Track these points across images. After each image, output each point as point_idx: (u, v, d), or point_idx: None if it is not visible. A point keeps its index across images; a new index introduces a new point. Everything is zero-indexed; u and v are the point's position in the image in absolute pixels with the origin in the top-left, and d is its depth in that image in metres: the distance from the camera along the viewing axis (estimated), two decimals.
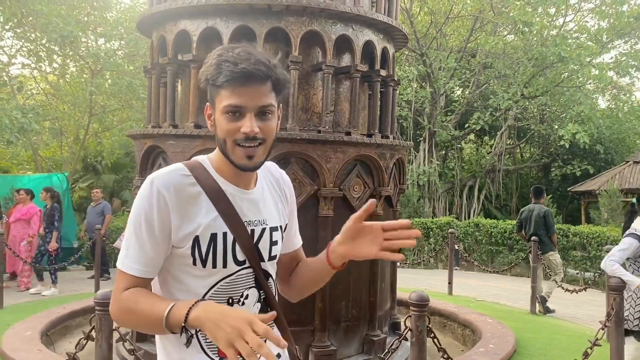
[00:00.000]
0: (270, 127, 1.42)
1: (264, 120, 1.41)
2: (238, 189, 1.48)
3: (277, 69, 1.42)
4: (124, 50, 15.02)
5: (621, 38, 17.02)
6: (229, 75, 1.36)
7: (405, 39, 5.93)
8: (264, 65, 1.38)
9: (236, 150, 1.40)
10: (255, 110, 1.39)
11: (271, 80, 1.40)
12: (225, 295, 1.45)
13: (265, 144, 1.43)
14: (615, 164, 18.56)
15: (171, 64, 5.04)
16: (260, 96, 1.39)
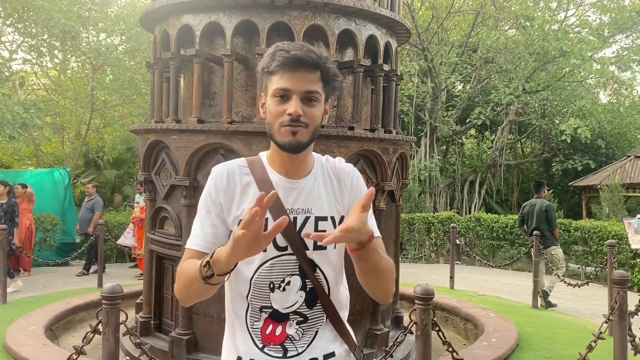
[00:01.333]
0: (314, 113, 1.48)
1: (309, 106, 1.47)
2: (284, 178, 1.55)
3: (327, 62, 1.50)
4: (125, 45, 15.00)
5: (622, 32, 16.97)
6: (280, 61, 1.45)
7: (408, 34, 5.92)
8: (315, 55, 1.47)
9: (281, 130, 1.47)
10: (302, 95, 1.46)
11: (320, 70, 1.48)
12: (266, 279, 1.51)
13: (308, 129, 1.48)
14: (616, 158, 18.54)
15: (174, 59, 5.04)
16: (307, 82, 1.46)
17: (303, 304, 1.54)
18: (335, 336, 1.59)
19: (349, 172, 1.63)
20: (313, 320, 1.56)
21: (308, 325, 1.55)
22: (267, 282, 1.52)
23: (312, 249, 1.54)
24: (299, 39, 4.75)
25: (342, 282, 1.66)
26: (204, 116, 4.92)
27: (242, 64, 4.97)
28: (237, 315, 1.57)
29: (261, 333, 1.53)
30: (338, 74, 1.55)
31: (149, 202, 5.41)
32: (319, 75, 1.48)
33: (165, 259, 5.26)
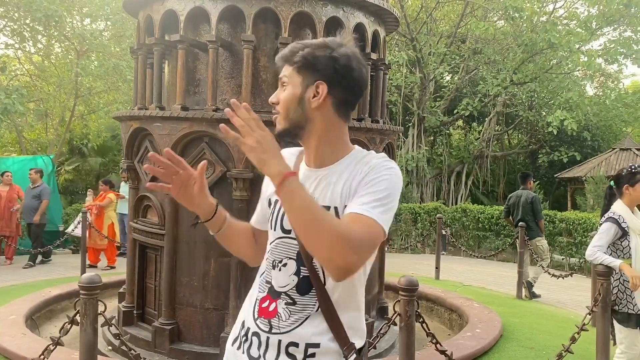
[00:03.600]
0: (281, 96, 1.55)
1: (281, 92, 1.56)
2: (306, 167, 1.63)
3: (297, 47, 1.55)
4: (110, 31, 14.76)
5: (610, 25, 17.03)
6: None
7: (397, 22, 5.87)
8: (288, 50, 1.57)
9: None
10: (278, 84, 1.58)
11: (288, 59, 1.55)
12: (272, 257, 1.62)
13: (281, 114, 1.56)
14: (602, 150, 18.70)
15: (158, 45, 4.94)
16: (281, 72, 1.58)
17: (294, 288, 1.55)
18: (326, 329, 1.54)
19: (369, 166, 1.53)
20: (302, 306, 1.55)
21: (296, 310, 1.55)
22: (272, 259, 1.61)
23: None
24: (286, 26, 4.68)
25: (349, 287, 1.55)
26: (188, 103, 4.83)
27: (228, 51, 4.88)
28: (255, 281, 1.69)
29: (259, 305, 1.61)
30: (310, 54, 1.52)
31: (132, 190, 5.33)
32: (287, 63, 1.55)
33: (148, 249, 5.19)
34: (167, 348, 4.69)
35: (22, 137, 15.06)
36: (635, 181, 3.87)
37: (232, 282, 4.63)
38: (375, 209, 1.43)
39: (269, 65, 4.89)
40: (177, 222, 4.79)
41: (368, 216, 1.41)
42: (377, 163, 1.52)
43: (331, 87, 1.52)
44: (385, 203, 1.45)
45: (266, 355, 1.55)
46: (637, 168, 3.93)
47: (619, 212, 3.83)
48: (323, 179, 1.56)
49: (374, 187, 1.46)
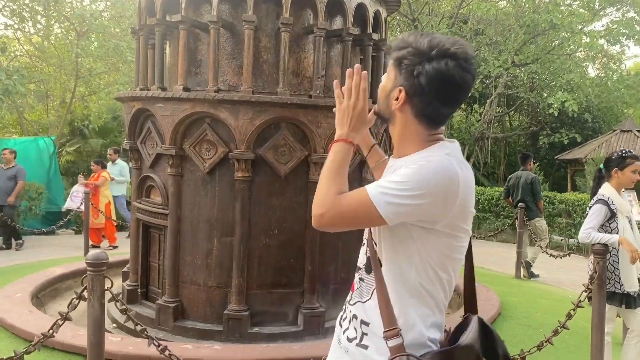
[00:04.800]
0: (381, 85, 1.62)
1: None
2: (392, 157, 1.69)
3: (402, 50, 1.54)
4: (109, 11, 14.66)
5: (613, 5, 16.89)
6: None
7: (398, 3, 5.85)
8: (398, 41, 1.58)
9: None
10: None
11: (391, 54, 1.58)
12: (362, 235, 1.73)
13: (378, 102, 1.64)
14: (602, 132, 18.69)
15: (159, 25, 4.94)
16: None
17: (364, 266, 1.67)
18: (378, 309, 1.55)
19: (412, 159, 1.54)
20: (367, 284, 1.63)
21: (364, 286, 1.65)
22: (362, 238, 1.73)
23: None
24: (287, 6, 4.68)
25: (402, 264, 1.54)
26: (190, 84, 4.86)
27: (229, 31, 4.89)
28: None
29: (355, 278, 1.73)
30: (409, 59, 1.51)
31: (135, 171, 5.38)
32: (390, 63, 1.59)
33: (151, 228, 5.25)
34: (170, 325, 4.78)
35: (23, 118, 15.06)
36: (624, 165, 3.96)
37: (235, 260, 4.70)
38: (378, 188, 1.46)
39: (270, 46, 4.91)
40: (180, 202, 4.85)
41: (366, 190, 1.47)
42: (422, 156, 1.52)
43: (411, 97, 1.51)
44: (397, 189, 1.43)
45: (343, 323, 1.70)
46: (627, 152, 4.01)
47: (608, 194, 3.94)
48: (390, 166, 1.65)
49: (398, 172, 1.48)
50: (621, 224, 3.86)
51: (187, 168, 4.84)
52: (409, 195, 1.43)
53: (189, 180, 4.84)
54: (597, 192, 4.06)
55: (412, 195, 1.43)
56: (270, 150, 4.71)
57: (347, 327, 1.66)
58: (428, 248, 1.52)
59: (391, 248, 1.56)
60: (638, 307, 3.95)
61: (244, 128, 4.59)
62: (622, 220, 3.87)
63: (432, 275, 1.55)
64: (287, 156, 4.75)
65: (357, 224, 1.51)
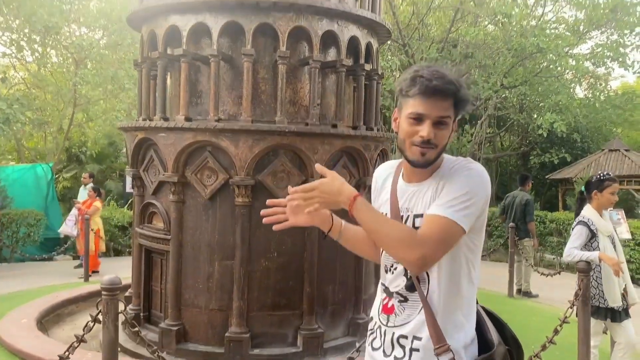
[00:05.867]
0: (443, 135, 1.69)
1: (440, 129, 1.67)
2: (404, 182, 1.81)
3: (462, 88, 1.68)
4: (107, 38, 14.93)
5: (597, 29, 17.38)
6: (421, 89, 1.64)
7: (389, 34, 6.12)
8: (453, 85, 1.66)
9: (412, 148, 1.70)
10: (435, 120, 1.66)
11: (455, 98, 1.67)
12: (384, 262, 1.86)
13: (437, 149, 1.69)
14: (591, 152, 19.02)
15: (162, 58, 5.17)
16: (441, 109, 1.66)
17: (404, 287, 1.79)
18: (426, 325, 1.71)
19: (454, 168, 1.72)
20: (412, 302, 1.77)
21: (408, 306, 1.77)
22: (384, 264, 1.85)
23: None
24: (284, 40, 4.93)
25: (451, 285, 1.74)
26: (191, 114, 5.07)
27: (228, 64, 5.13)
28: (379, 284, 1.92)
29: (383, 303, 1.85)
30: (469, 99, 1.70)
31: (137, 197, 5.55)
32: (451, 102, 1.67)
33: (153, 253, 5.41)
34: (173, 348, 4.91)
35: (21, 145, 15.22)
36: (603, 187, 4.21)
37: (235, 283, 4.86)
38: (449, 208, 1.64)
39: (268, 77, 5.14)
40: (182, 228, 5.03)
41: (439, 215, 1.64)
42: (459, 166, 1.72)
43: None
44: (463, 201, 1.64)
45: (384, 346, 1.80)
46: (604, 175, 4.27)
47: (588, 215, 4.18)
48: (417, 192, 1.77)
49: (450, 187, 1.67)
50: (602, 244, 4.09)
51: (189, 194, 5.02)
52: (474, 202, 1.64)
53: (191, 206, 5.02)
54: (580, 213, 4.29)
55: (475, 201, 1.65)
56: (269, 176, 4.91)
57: (392, 350, 1.78)
58: (470, 246, 1.75)
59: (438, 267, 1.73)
60: (623, 320, 4.16)
61: (244, 155, 4.79)
62: (602, 240, 4.10)
63: (474, 275, 1.80)
64: (285, 181, 4.95)
65: (449, 248, 1.68)
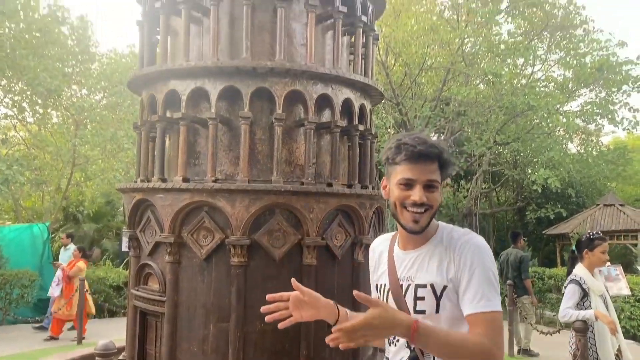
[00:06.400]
0: (434, 197, 1.77)
1: (430, 192, 1.76)
2: (401, 250, 1.85)
3: (445, 153, 1.79)
4: (108, 99, 15.27)
5: (586, 87, 17.89)
6: (407, 155, 1.74)
7: (381, 96, 6.31)
8: (436, 148, 1.77)
9: (405, 213, 1.75)
10: (424, 184, 1.75)
11: (439, 161, 1.77)
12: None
13: (430, 211, 1.76)
14: (586, 206, 19.14)
15: (161, 121, 5.30)
16: (429, 172, 1.76)
17: (407, 358, 1.81)
18: None
19: (461, 247, 1.76)
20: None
21: None
22: (387, 338, 1.86)
23: (412, 312, 1.77)
24: (280, 103, 5.08)
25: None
26: (189, 175, 5.15)
27: (226, 126, 5.26)
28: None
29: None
30: (452, 161, 1.81)
31: (134, 259, 5.54)
32: (437, 165, 1.77)
33: (148, 315, 5.35)
34: None
35: (18, 205, 15.25)
36: (594, 246, 4.25)
37: (231, 346, 4.79)
38: (487, 301, 1.69)
39: (264, 138, 5.26)
40: (177, 289, 5.00)
41: (483, 312, 1.68)
42: (463, 242, 1.76)
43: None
44: (489, 285, 1.70)
45: None
46: (594, 235, 4.31)
47: (580, 274, 4.20)
48: (416, 260, 1.81)
49: (474, 279, 1.70)
50: (594, 303, 4.08)
51: (185, 255, 5.03)
52: (495, 278, 1.74)
53: (186, 267, 5.01)
54: (572, 271, 4.31)
55: (495, 277, 1.74)
56: (265, 235, 4.94)
57: None
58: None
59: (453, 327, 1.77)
60: None
61: (240, 215, 4.84)
62: (594, 300, 4.10)
63: None
64: (281, 240, 4.97)
65: (503, 333, 1.74)
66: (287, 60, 5.20)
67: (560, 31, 18.34)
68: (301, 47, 5.43)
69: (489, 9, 16.10)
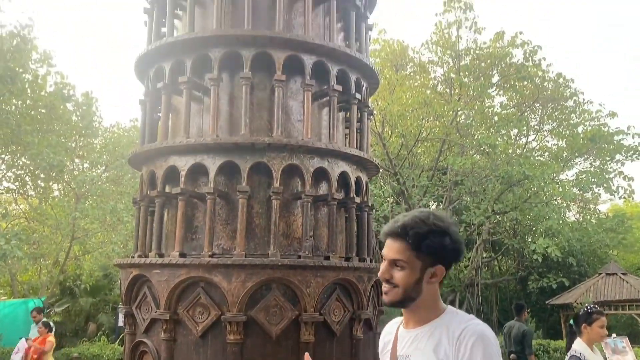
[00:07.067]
0: (400, 276, 1.77)
1: (396, 270, 1.78)
2: (402, 328, 1.88)
3: (418, 229, 1.75)
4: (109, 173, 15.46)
5: (580, 156, 18.18)
6: (382, 232, 1.83)
7: (377, 169, 6.43)
8: (403, 229, 1.76)
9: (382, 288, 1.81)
10: (390, 261, 1.79)
11: (406, 239, 1.75)
12: None
13: (397, 289, 1.78)
14: (589, 275, 18.91)
15: (160, 196, 5.38)
16: (393, 250, 1.78)
17: None
18: None
19: (463, 333, 1.75)
20: None
21: None
22: None
23: None
24: (277, 177, 5.18)
25: None
26: (186, 249, 5.16)
27: (224, 200, 5.32)
28: None
29: None
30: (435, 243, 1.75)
31: (129, 336, 5.44)
32: (404, 245, 1.76)
33: None
34: None
35: (15, 279, 15.08)
36: (592, 320, 4.19)
37: None
38: None
39: (262, 211, 5.31)
40: None
41: None
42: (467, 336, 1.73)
43: (445, 266, 1.82)
44: None
45: None
46: (592, 308, 4.26)
47: (580, 350, 4.11)
48: (415, 339, 1.82)
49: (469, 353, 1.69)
50: None
51: (180, 332, 4.94)
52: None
53: (182, 345, 4.92)
54: (571, 347, 4.22)
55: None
56: (261, 311, 4.88)
57: None
58: None
59: None
60: None
61: (236, 290, 4.80)
62: None
63: None
64: (278, 316, 4.91)
65: None
66: (285, 136, 5.35)
67: (551, 102, 18.89)
68: (298, 123, 5.60)
69: (480, 82, 16.65)
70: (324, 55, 5.54)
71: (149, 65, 5.84)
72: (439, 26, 17.65)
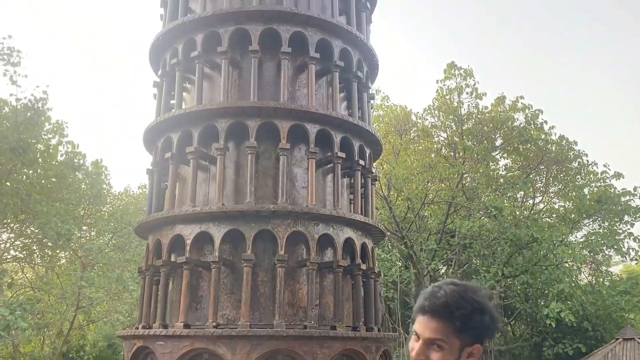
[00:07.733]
0: (437, 358, 1.64)
1: (433, 351, 1.65)
2: None
3: (463, 310, 1.64)
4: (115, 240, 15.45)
5: (588, 217, 18.05)
6: (416, 307, 1.69)
7: (383, 234, 6.43)
8: (446, 307, 1.64)
9: None
10: (426, 341, 1.66)
11: (449, 320, 1.64)
12: None
13: None
14: (605, 340, 18.27)
15: (165, 266, 5.37)
16: (430, 330, 1.65)
17: None
18: None
19: None
20: None
21: None
22: None
23: None
24: (282, 244, 5.18)
25: None
26: (190, 319, 5.10)
27: (229, 268, 5.31)
28: None
29: None
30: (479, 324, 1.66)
31: None
32: (445, 325, 1.64)
33: None
34: None
35: (17, 351, 14.78)
36: None
37: None
38: None
39: (266, 280, 5.29)
40: None
41: None
42: None
43: (482, 344, 1.71)
44: None
45: None
46: None
47: None
48: None
49: None
50: None
51: None
52: None
53: None
54: None
55: None
56: None
57: None
58: None
59: None
60: None
61: None
62: None
63: None
64: None
65: None
66: (289, 203, 5.40)
67: (556, 164, 18.98)
68: (303, 189, 5.66)
69: (484, 146, 16.84)
70: (327, 124, 5.68)
71: (158, 136, 6.00)
72: (440, 92, 18.08)
